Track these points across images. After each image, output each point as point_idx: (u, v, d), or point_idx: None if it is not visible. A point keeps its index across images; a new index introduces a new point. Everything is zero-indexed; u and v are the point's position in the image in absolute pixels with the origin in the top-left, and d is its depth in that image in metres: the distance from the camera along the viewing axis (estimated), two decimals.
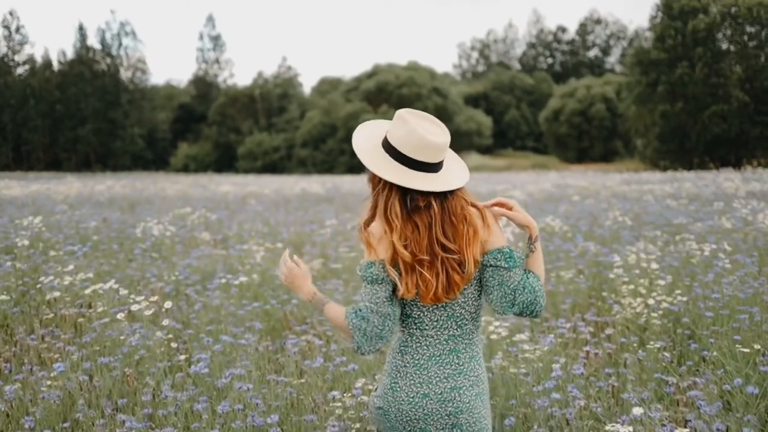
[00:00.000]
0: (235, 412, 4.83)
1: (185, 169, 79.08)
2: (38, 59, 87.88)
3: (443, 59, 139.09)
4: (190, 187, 32.45)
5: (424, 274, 3.01)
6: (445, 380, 3.10)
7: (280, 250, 12.04)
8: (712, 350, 6.19)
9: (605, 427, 4.25)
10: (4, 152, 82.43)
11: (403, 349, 3.17)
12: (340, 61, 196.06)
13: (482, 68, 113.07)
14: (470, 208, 3.11)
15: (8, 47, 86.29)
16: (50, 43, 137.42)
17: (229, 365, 6.06)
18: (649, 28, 67.08)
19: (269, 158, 76.33)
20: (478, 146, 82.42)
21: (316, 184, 34.35)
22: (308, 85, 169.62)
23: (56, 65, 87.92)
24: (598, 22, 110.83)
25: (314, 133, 74.43)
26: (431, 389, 3.09)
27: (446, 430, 3.11)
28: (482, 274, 3.14)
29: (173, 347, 6.61)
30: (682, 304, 7.52)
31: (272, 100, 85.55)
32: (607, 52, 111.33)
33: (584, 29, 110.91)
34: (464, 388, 3.12)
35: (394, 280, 3.04)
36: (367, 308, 3.05)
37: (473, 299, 3.16)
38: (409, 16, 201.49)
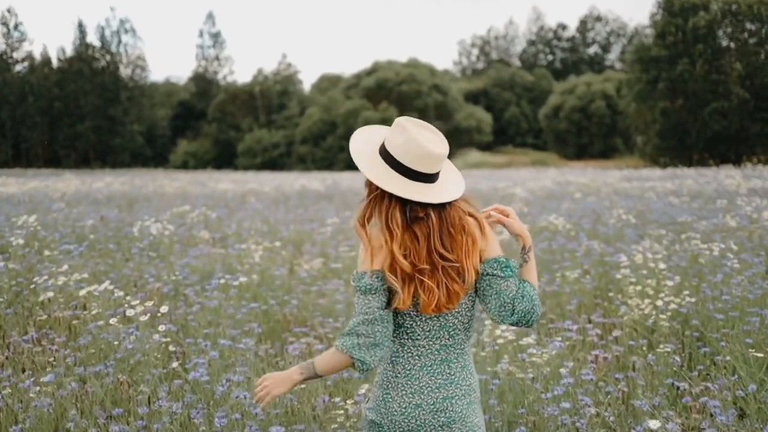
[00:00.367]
0: (233, 422, 4.66)
1: (185, 166, 78.92)
2: (37, 56, 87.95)
3: (443, 56, 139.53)
4: (189, 184, 32.27)
5: (426, 282, 2.97)
6: (437, 390, 3.08)
7: (279, 248, 11.88)
8: (724, 354, 6.03)
9: None
10: (2, 149, 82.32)
11: (394, 359, 3.14)
12: (340, 58, 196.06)
13: (482, 65, 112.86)
14: (468, 218, 3.08)
15: (6, 44, 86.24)
16: (50, 40, 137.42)
17: (227, 370, 5.90)
18: (649, 25, 66.89)
19: (269, 155, 76.21)
20: (478, 143, 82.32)
21: (315, 181, 34.21)
22: (308, 82, 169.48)
23: (55, 62, 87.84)
24: (598, 19, 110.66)
25: (314, 130, 74.32)
26: (423, 399, 3.07)
27: None
28: (478, 283, 3.11)
29: (171, 350, 6.46)
30: (690, 305, 7.35)
31: (272, 97, 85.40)
32: (607, 49, 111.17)
33: (584, 26, 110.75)
34: (456, 397, 3.09)
35: (394, 288, 2.99)
36: (354, 323, 3.01)
37: (466, 309, 3.14)
38: (409, 12, 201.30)
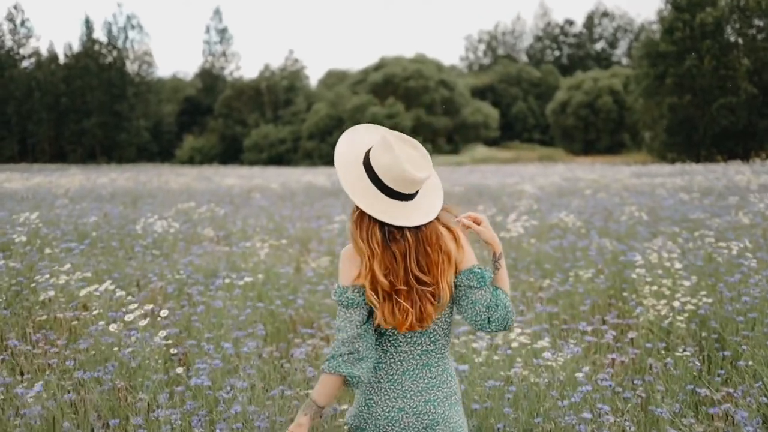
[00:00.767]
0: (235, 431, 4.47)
1: (191, 161, 78.72)
2: (44, 53, 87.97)
3: (450, 52, 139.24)
4: (194, 180, 32.09)
5: (401, 303, 3.02)
6: (419, 394, 3.13)
7: (285, 246, 11.68)
8: (745, 358, 5.81)
9: None
10: (9, 145, 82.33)
11: (377, 366, 3.17)
12: (346, 53, 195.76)
13: (489, 61, 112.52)
14: (443, 230, 3.13)
15: (13, 41, 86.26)
16: (57, 36, 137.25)
17: (231, 374, 5.70)
18: (656, 20, 66.53)
19: (275, 150, 76.00)
20: (484, 138, 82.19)
21: (322, 176, 34.04)
22: (315, 77, 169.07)
23: (62, 58, 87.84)
24: (605, 14, 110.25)
25: (321, 125, 74.11)
26: (406, 403, 3.12)
27: None
28: (455, 293, 3.17)
29: (173, 353, 6.26)
30: (707, 306, 7.12)
31: (279, 92, 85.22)
32: (614, 45, 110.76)
33: (591, 22, 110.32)
34: (438, 400, 3.14)
35: (373, 306, 3.05)
36: (336, 345, 3.06)
37: (446, 315, 3.18)
38: (416, 8, 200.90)
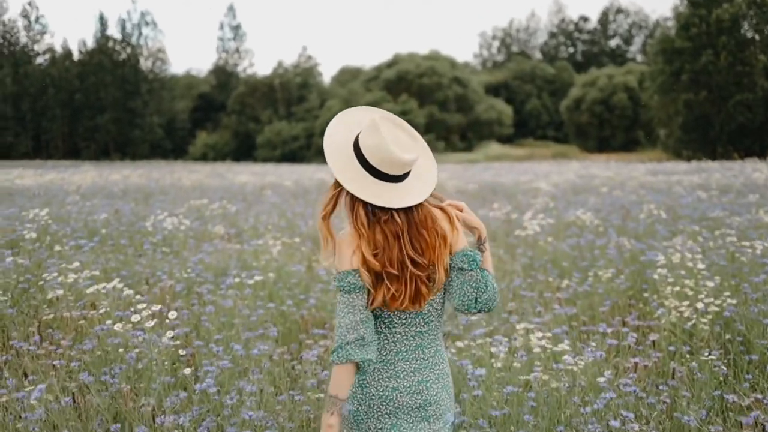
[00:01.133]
0: None
1: (204, 158, 78.64)
2: (58, 49, 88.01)
3: (464, 48, 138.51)
4: (207, 176, 31.93)
5: (390, 287, 3.03)
6: (412, 374, 3.15)
7: (297, 244, 11.49)
8: None
9: None
10: (23, 141, 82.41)
11: None
12: (360, 50, 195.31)
13: (503, 58, 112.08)
14: (437, 211, 3.16)
15: (28, 37, 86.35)
16: (71, 33, 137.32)
17: (240, 377, 5.52)
18: (672, 16, 66.03)
19: (288, 147, 75.82)
20: (498, 135, 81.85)
21: None
22: (328, 74, 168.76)
23: (76, 55, 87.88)
24: (620, 11, 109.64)
25: None
26: (399, 383, 3.14)
27: (416, 422, 3.16)
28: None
29: (181, 354, 6.08)
30: (732, 307, 6.90)
31: (292, 89, 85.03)
32: (628, 41, 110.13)
33: (606, 18, 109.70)
34: (431, 381, 3.17)
35: (367, 286, 3.04)
36: (339, 336, 3.02)
37: (440, 297, 3.22)
38: (430, 4, 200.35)
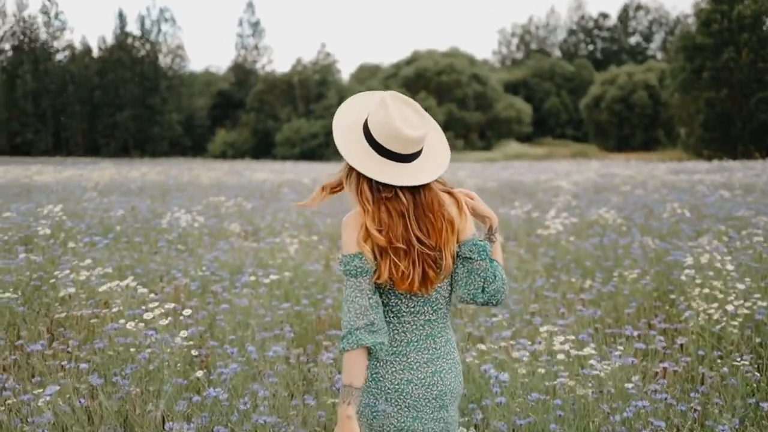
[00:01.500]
0: None
1: (223, 155, 78.66)
2: (78, 46, 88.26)
3: (483, 46, 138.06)
4: (225, 174, 31.84)
5: (398, 263, 2.97)
6: (425, 365, 3.10)
7: (315, 242, 11.32)
8: None
9: None
10: (43, 138, 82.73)
11: None
12: (379, 47, 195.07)
13: (522, 55, 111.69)
14: (445, 196, 3.09)
15: (47, 33, 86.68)
16: (91, 29, 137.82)
17: (254, 380, 5.35)
18: (693, 13, 65.51)
19: (307, 145, 75.71)
20: (517, 134, 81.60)
21: None
22: (347, 72, 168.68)
23: (96, 52, 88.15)
24: (640, 8, 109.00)
25: None
26: (414, 375, 3.08)
27: (436, 412, 3.10)
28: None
29: (194, 355, 5.91)
30: (762, 310, 6.67)
31: (311, 86, 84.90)
32: (648, 38, 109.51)
33: (626, 15, 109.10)
34: (444, 371, 3.12)
35: (370, 260, 2.98)
36: (347, 322, 2.96)
37: (447, 284, 3.15)
38: (449, 1, 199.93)
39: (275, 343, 6.21)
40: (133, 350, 5.57)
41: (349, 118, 3.12)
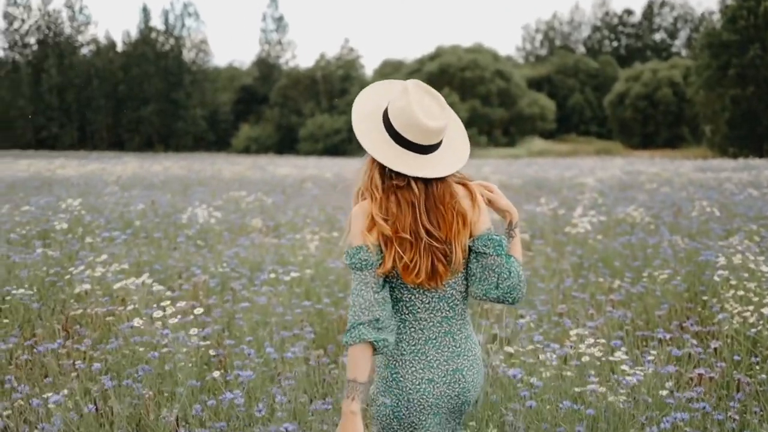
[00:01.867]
0: None
1: (247, 150, 78.74)
2: (102, 40, 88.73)
3: (507, 42, 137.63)
4: (248, 169, 31.74)
5: (402, 254, 2.89)
6: (445, 363, 3.03)
7: (336, 239, 11.14)
8: None
9: None
10: (68, 132, 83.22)
11: (397, 336, 3.03)
12: (402, 43, 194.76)
13: (546, 51, 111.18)
14: (459, 187, 3.01)
15: (72, 28, 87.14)
16: (115, 24, 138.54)
17: (272, 382, 5.17)
18: (719, 9, 64.90)
19: (330, 140, 75.63)
20: (541, 131, 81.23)
21: None
22: (370, 67, 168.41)
23: (120, 46, 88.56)
24: (664, 4, 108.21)
25: None
26: (434, 374, 3.01)
27: (457, 409, 3.06)
28: (467, 257, 3.04)
29: (212, 355, 5.74)
30: None
31: (334, 82, 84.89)
32: (673, 35, 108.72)
33: (650, 12, 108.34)
34: (465, 369, 3.05)
35: (380, 258, 2.91)
36: (351, 316, 2.88)
37: (462, 279, 3.06)
38: None
39: (295, 342, 6.04)
40: (146, 350, 5.40)
41: (368, 105, 3.11)
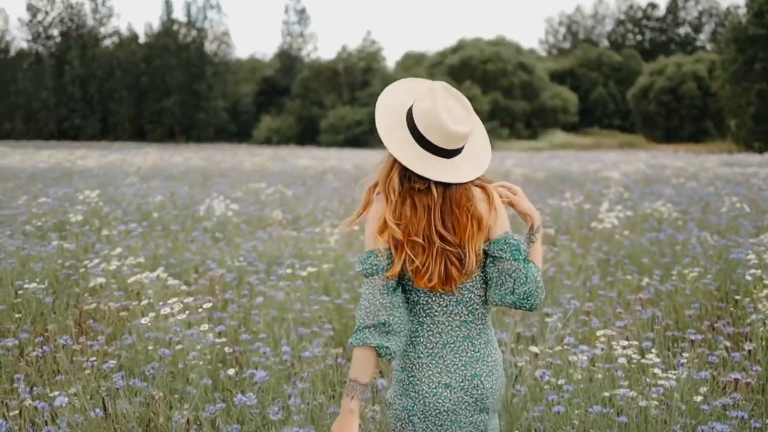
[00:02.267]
0: None
1: (268, 141, 78.79)
2: (124, 32, 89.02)
3: (530, 35, 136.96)
4: (269, 160, 31.62)
5: (413, 258, 2.86)
6: (463, 368, 2.97)
7: (357, 233, 10.94)
8: None
9: None
10: (91, 123, 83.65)
11: (414, 339, 3.00)
12: (424, 35, 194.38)
13: (569, 45, 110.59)
14: (477, 190, 2.93)
15: (95, 19, 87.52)
16: (137, 16, 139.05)
17: (287, 381, 4.98)
18: (745, 4, 64.24)
19: (352, 132, 75.53)
20: (563, 124, 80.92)
21: None
22: (392, 59, 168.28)
23: (143, 38, 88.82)
24: None
25: None
26: (451, 378, 2.96)
27: (476, 415, 2.99)
28: (484, 261, 2.97)
29: (227, 353, 5.56)
30: None
31: (356, 74, 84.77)
32: (698, 29, 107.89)
33: (675, 6, 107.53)
34: (484, 375, 2.99)
35: (390, 262, 2.88)
36: (359, 318, 2.87)
37: (481, 282, 2.99)
38: None
39: (312, 339, 5.85)
40: (158, 347, 5.22)
41: (393, 101, 3.01)
